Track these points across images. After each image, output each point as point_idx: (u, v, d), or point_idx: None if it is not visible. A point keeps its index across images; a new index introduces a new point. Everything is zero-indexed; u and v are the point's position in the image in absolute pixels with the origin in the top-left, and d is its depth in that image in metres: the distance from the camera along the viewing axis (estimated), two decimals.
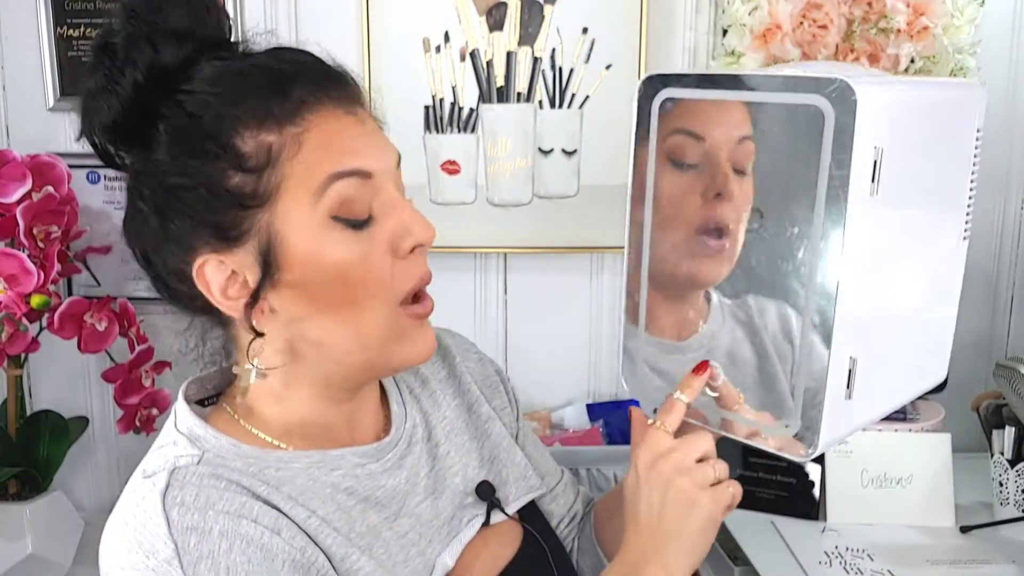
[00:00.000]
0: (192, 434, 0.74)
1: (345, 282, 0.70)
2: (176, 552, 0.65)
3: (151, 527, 0.67)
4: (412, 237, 0.72)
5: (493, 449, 0.91)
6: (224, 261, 0.71)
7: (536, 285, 1.69)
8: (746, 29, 1.52)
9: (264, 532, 0.68)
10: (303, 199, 0.69)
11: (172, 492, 0.68)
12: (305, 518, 0.71)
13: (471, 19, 1.56)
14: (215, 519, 0.67)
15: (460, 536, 0.82)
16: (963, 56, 1.54)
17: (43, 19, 1.58)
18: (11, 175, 1.41)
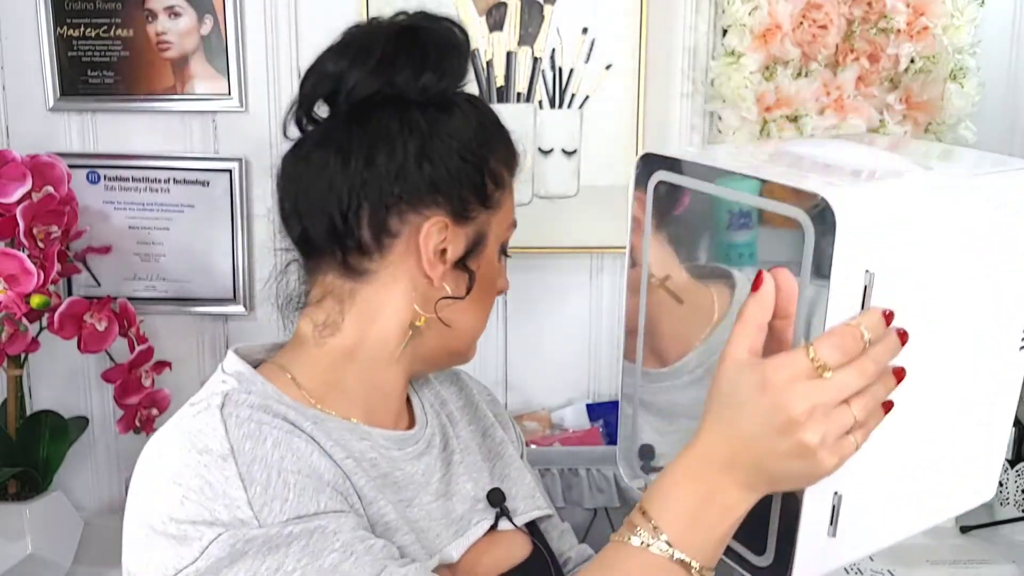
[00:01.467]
0: (241, 376, 0.81)
1: (490, 286, 0.89)
2: (232, 452, 0.69)
3: (207, 431, 0.71)
4: (505, 284, 0.94)
5: (505, 468, 0.95)
6: (447, 228, 0.82)
7: (536, 285, 1.69)
8: (746, 29, 1.52)
9: (313, 451, 0.73)
10: (503, 222, 0.88)
11: (228, 408, 0.73)
12: (343, 457, 0.76)
13: (471, 19, 1.56)
14: (269, 431, 0.72)
15: (468, 534, 0.84)
16: (963, 56, 1.54)
17: (43, 19, 1.58)
18: (11, 175, 1.41)
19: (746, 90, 1.53)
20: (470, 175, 0.83)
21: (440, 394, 0.97)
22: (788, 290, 0.61)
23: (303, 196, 0.83)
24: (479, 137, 0.85)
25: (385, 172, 0.80)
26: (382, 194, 0.80)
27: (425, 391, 0.96)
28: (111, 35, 1.59)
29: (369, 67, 0.81)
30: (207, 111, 1.62)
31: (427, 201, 0.81)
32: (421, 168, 0.81)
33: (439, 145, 0.82)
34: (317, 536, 0.67)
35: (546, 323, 1.70)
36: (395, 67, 0.81)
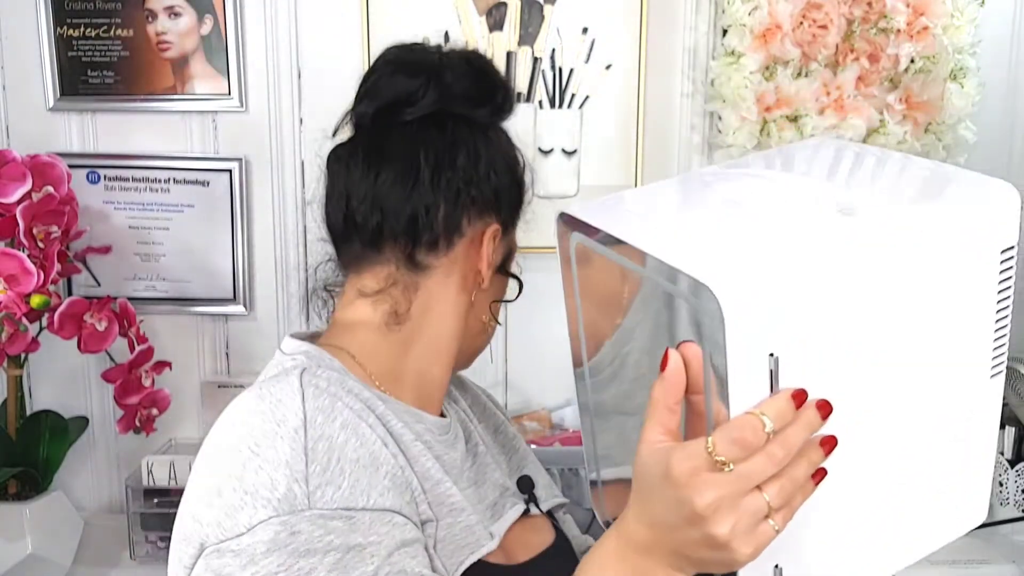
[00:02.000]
0: (309, 354, 0.83)
1: (503, 291, 0.97)
2: (304, 423, 0.71)
3: (286, 400, 0.73)
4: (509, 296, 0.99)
5: (521, 461, 1.00)
6: (497, 237, 0.89)
7: (536, 285, 1.68)
8: (746, 29, 1.52)
9: (376, 440, 0.74)
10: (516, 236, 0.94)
11: (308, 376, 0.75)
12: (411, 440, 0.79)
13: (471, 19, 1.56)
14: (340, 410, 0.73)
15: (506, 516, 0.87)
16: (963, 56, 1.54)
17: (43, 19, 1.58)
18: (11, 175, 1.41)
19: (746, 90, 1.53)
20: (517, 191, 0.92)
21: (452, 392, 1.00)
22: (697, 365, 0.59)
23: (383, 190, 0.86)
24: (518, 160, 0.93)
25: (463, 175, 0.87)
26: (459, 195, 0.86)
27: None
28: (111, 35, 1.59)
29: (441, 89, 0.88)
30: (207, 111, 1.62)
31: (491, 208, 0.89)
32: (490, 177, 0.88)
33: (500, 159, 0.90)
34: (354, 554, 0.68)
35: (546, 323, 1.70)
36: (464, 93, 0.89)
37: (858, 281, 0.60)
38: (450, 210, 0.86)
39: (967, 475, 0.72)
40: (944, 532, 0.72)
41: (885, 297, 0.61)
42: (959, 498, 0.72)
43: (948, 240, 0.63)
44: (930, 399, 0.66)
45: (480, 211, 0.88)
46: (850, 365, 0.61)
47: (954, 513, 0.73)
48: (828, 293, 0.58)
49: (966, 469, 0.72)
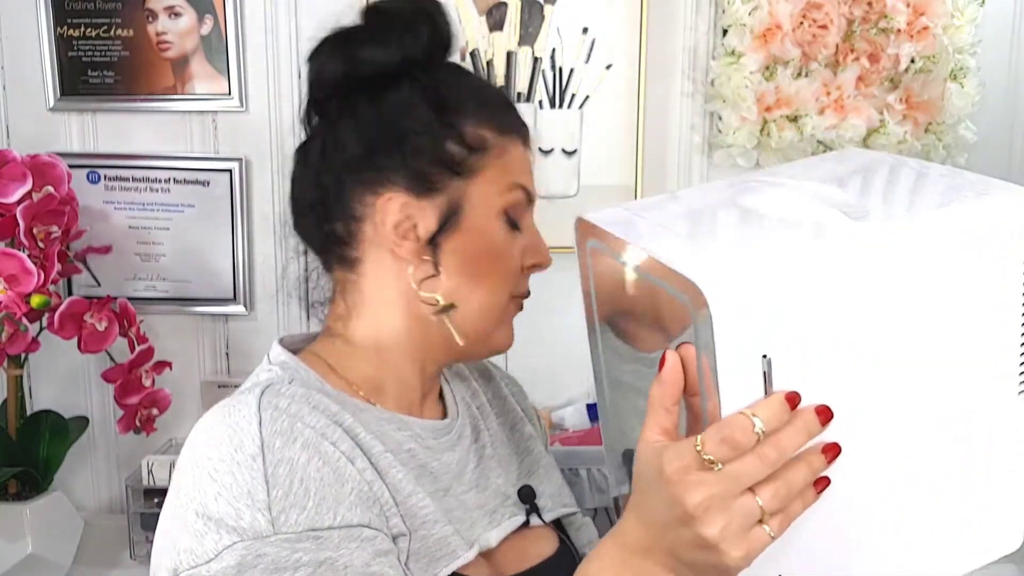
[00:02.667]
0: (285, 364, 0.83)
1: (494, 263, 0.85)
2: (261, 450, 0.70)
3: (243, 424, 0.71)
4: (538, 257, 0.90)
5: (533, 464, 0.96)
6: (408, 204, 0.82)
7: (537, 285, 1.68)
8: (746, 29, 1.52)
9: (341, 457, 0.73)
10: (492, 188, 0.84)
11: (268, 397, 0.73)
12: (381, 451, 0.77)
13: (471, 19, 1.56)
14: (301, 430, 0.72)
15: (503, 525, 0.85)
16: (963, 56, 1.54)
17: (43, 19, 1.58)
18: (11, 175, 1.41)
19: (746, 90, 1.53)
20: (426, 146, 0.82)
21: (472, 385, 0.98)
22: (694, 366, 0.59)
23: (292, 197, 0.88)
24: (442, 105, 0.83)
25: (335, 160, 0.83)
26: (338, 182, 0.83)
27: (457, 382, 0.96)
28: (111, 35, 1.59)
29: (330, 53, 0.86)
30: (207, 111, 1.62)
31: (380, 179, 0.82)
32: (365, 149, 0.82)
33: (382, 124, 0.83)
34: (326, 567, 0.68)
35: (546, 323, 1.70)
36: (350, 47, 0.85)
37: (866, 286, 0.58)
38: (336, 198, 0.83)
39: (995, 498, 0.69)
40: (972, 557, 0.70)
41: (895, 304, 0.59)
42: (988, 521, 0.70)
43: (964, 249, 0.61)
44: (946, 414, 0.64)
45: (369, 186, 0.82)
46: (856, 372, 0.59)
47: (983, 537, 0.70)
48: (831, 297, 0.57)
49: (994, 491, 0.69)
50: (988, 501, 0.69)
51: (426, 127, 0.82)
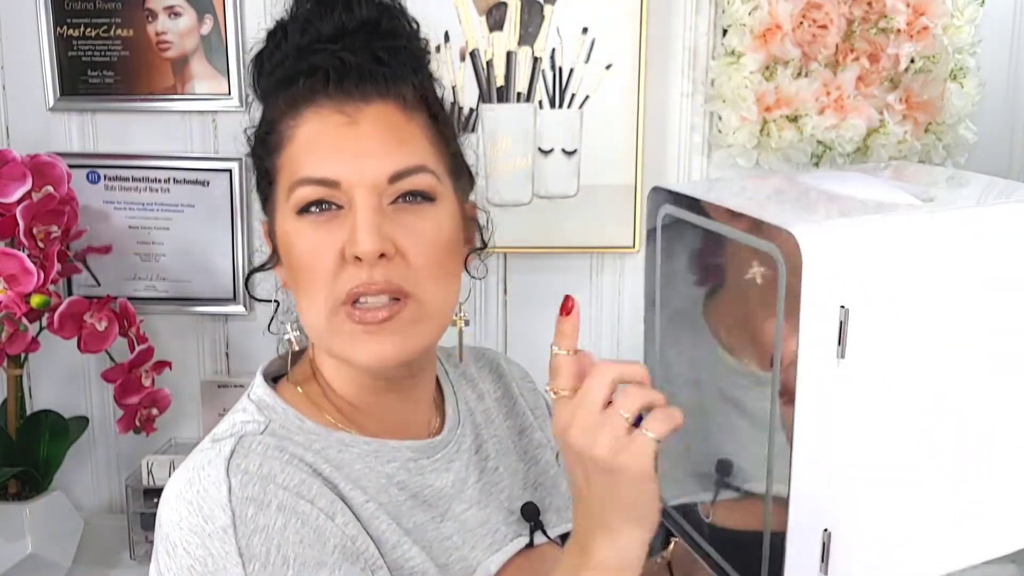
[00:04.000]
0: (262, 403, 0.77)
1: (302, 268, 0.74)
2: (233, 521, 0.67)
3: (212, 492, 0.68)
4: (353, 247, 0.72)
5: (540, 475, 0.92)
6: (264, 225, 0.80)
7: (536, 285, 1.69)
8: (746, 29, 1.52)
9: (320, 514, 0.69)
10: (281, 191, 0.76)
11: (236, 459, 0.70)
12: (363, 502, 0.73)
13: (471, 19, 1.56)
14: (275, 492, 0.68)
15: (505, 549, 0.82)
16: (963, 56, 1.54)
17: (43, 19, 1.58)
18: (11, 175, 1.41)
19: (746, 90, 1.53)
20: (256, 152, 0.79)
21: (478, 386, 0.93)
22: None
23: None
24: (267, 100, 0.78)
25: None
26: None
27: (462, 384, 0.91)
28: (111, 35, 1.59)
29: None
30: (207, 111, 1.62)
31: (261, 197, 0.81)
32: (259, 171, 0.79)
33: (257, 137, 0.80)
34: None
35: (546, 323, 1.70)
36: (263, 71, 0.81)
37: (935, 262, 0.63)
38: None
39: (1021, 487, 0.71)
40: (1009, 541, 0.72)
41: (964, 282, 0.64)
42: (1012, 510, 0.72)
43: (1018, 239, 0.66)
44: (1002, 396, 0.67)
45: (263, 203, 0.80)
46: (920, 340, 0.63)
47: (1015, 525, 0.72)
48: (902, 267, 0.61)
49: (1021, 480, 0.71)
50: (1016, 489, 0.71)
51: (258, 129, 0.78)
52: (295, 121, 0.74)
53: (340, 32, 0.75)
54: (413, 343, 0.75)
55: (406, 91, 0.75)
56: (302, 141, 0.74)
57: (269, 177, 0.76)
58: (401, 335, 0.73)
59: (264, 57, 0.78)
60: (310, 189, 0.73)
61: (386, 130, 0.74)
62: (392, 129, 0.74)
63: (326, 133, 0.73)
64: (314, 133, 0.73)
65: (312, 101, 0.73)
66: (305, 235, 0.73)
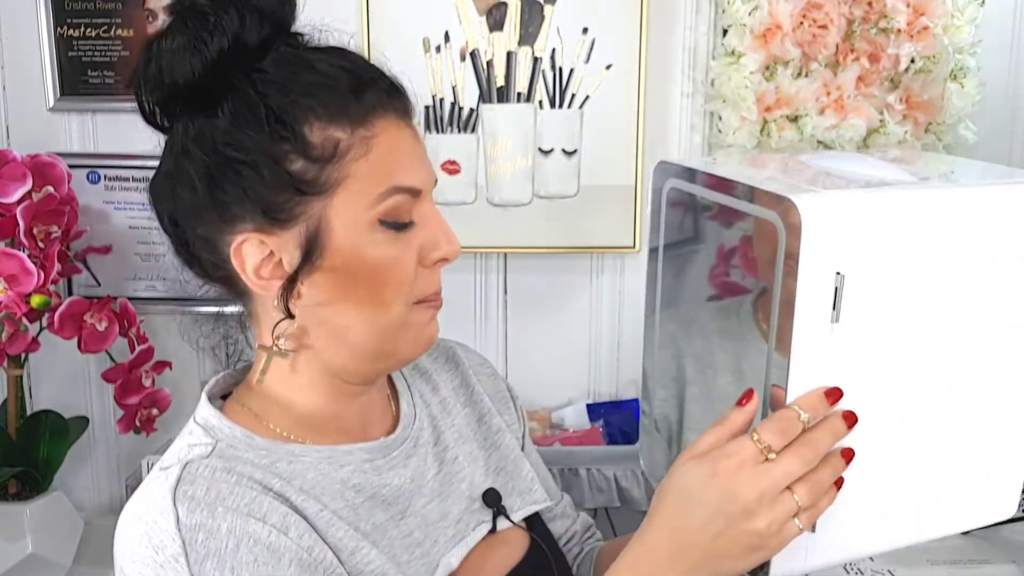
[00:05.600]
0: (207, 424, 0.77)
1: (377, 278, 0.74)
2: (183, 548, 0.66)
3: (160, 522, 0.68)
4: (440, 251, 0.77)
5: (501, 460, 0.92)
6: (265, 241, 0.73)
7: (536, 285, 1.69)
8: (746, 29, 1.52)
9: (272, 531, 0.69)
10: (361, 200, 0.73)
11: (183, 487, 0.69)
12: (317, 511, 0.72)
13: (471, 19, 1.56)
14: (223, 516, 0.68)
15: (467, 539, 0.83)
16: (963, 56, 1.54)
17: (43, 19, 1.58)
18: (11, 175, 1.41)
19: (746, 90, 1.53)
20: (264, 171, 0.71)
21: (432, 379, 0.93)
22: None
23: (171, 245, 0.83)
24: (273, 114, 0.71)
25: (181, 204, 0.75)
26: (192, 231, 0.76)
27: (416, 379, 0.91)
28: (111, 35, 1.59)
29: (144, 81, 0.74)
30: None
31: (227, 220, 0.73)
32: (205, 187, 0.72)
33: (211, 153, 0.72)
34: None
35: (546, 323, 1.70)
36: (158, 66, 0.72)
37: (929, 235, 0.65)
38: (198, 253, 0.77)
39: (1005, 463, 0.75)
40: (974, 516, 0.75)
41: (953, 257, 0.66)
42: (994, 485, 0.75)
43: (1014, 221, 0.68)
44: (982, 374, 0.70)
45: (221, 233, 0.74)
46: (910, 312, 0.65)
47: (985, 500, 0.75)
48: (899, 235, 0.64)
49: (1005, 457, 0.74)
50: (996, 466, 0.74)
51: (258, 147, 0.71)
52: (368, 132, 0.73)
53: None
54: None
55: None
56: (384, 151, 0.73)
57: (315, 187, 0.71)
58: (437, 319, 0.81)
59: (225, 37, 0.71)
60: (402, 197, 0.74)
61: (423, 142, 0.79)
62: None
63: (404, 144, 0.75)
64: (394, 144, 0.74)
65: (381, 114, 0.74)
66: (383, 245, 0.73)
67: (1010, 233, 0.68)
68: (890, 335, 0.65)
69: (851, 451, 0.64)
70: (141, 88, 0.74)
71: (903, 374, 0.66)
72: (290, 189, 0.71)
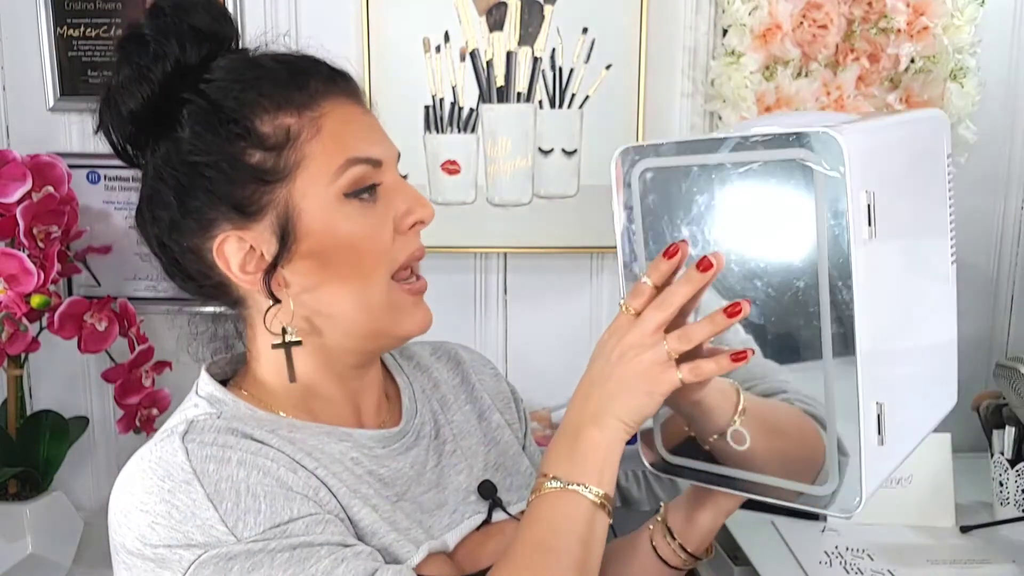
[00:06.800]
0: (212, 397, 0.79)
1: (354, 251, 0.77)
2: (196, 475, 0.68)
3: (168, 458, 0.70)
4: (414, 215, 0.79)
5: (500, 456, 0.93)
6: (243, 237, 0.76)
7: (536, 285, 1.69)
8: (746, 29, 1.52)
9: (280, 468, 0.72)
10: (321, 177, 0.76)
11: (191, 434, 0.71)
12: (314, 467, 0.75)
13: (471, 19, 1.56)
14: (233, 453, 0.70)
15: (462, 526, 0.84)
16: (963, 56, 1.54)
17: (43, 19, 1.58)
18: (11, 175, 1.41)
19: (746, 90, 1.53)
20: (225, 169, 0.75)
21: (434, 376, 0.95)
22: None
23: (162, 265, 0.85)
24: (223, 116, 0.75)
25: (161, 222, 0.78)
26: (177, 244, 0.78)
27: (417, 375, 0.93)
28: (111, 35, 1.59)
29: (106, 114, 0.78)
30: None
31: (204, 225, 0.77)
32: (177, 198, 0.76)
33: (176, 165, 0.76)
34: (302, 549, 0.68)
35: (546, 323, 1.70)
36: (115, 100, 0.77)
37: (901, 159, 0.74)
38: (185, 257, 0.79)
39: (944, 357, 0.84)
40: (934, 414, 0.83)
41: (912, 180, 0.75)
42: (939, 380, 0.84)
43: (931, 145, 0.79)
44: (923, 284, 0.79)
45: (200, 238, 0.77)
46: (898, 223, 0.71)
47: (938, 395, 0.84)
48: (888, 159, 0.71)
49: (943, 351, 0.84)
50: (939, 366, 0.83)
51: (217, 149, 0.74)
52: (316, 112, 0.76)
53: None
54: None
55: None
56: (335, 128, 0.77)
57: (274, 174, 0.75)
58: (426, 302, 0.83)
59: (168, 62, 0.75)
60: (362, 168, 0.77)
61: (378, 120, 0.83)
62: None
63: (355, 120, 0.78)
64: (343, 121, 0.77)
65: (327, 95, 0.77)
66: (355, 217, 0.76)
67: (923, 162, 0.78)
68: (891, 252, 0.70)
69: (736, 306, 0.69)
70: (108, 129, 0.78)
71: (901, 285, 0.73)
72: (253, 181, 0.75)
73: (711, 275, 0.70)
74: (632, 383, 0.71)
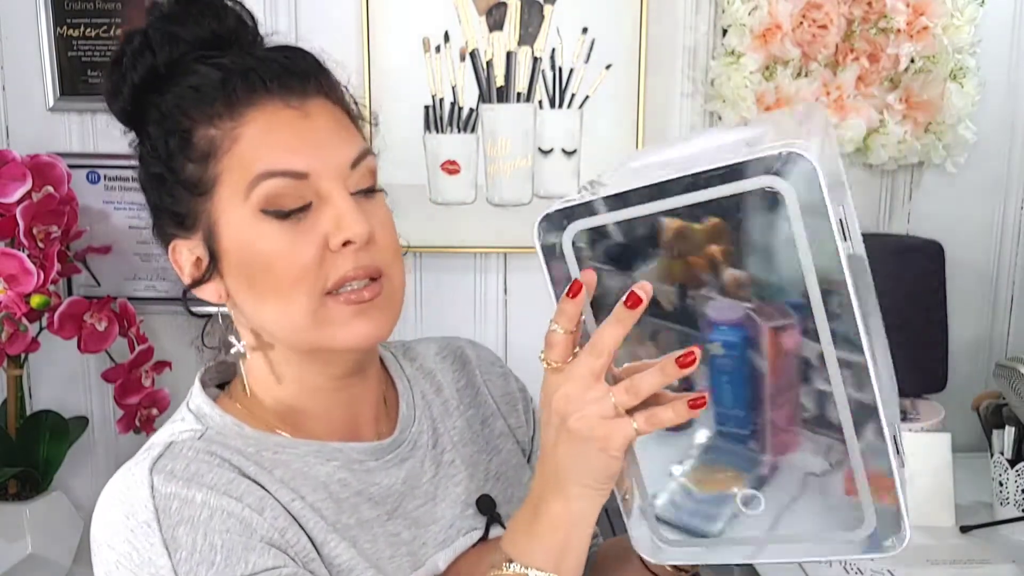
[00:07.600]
0: (200, 412, 0.78)
1: (272, 270, 0.72)
2: (156, 515, 0.68)
3: (134, 490, 0.69)
4: (341, 233, 0.72)
5: (501, 466, 0.91)
6: (189, 248, 0.77)
7: (536, 285, 1.68)
8: (746, 29, 1.52)
9: (246, 508, 0.70)
10: (235, 193, 0.72)
11: (162, 461, 0.71)
12: (290, 500, 0.73)
13: (471, 19, 1.56)
14: (199, 489, 0.69)
15: (455, 544, 0.82)
16: (963, 56, 1.54)
17: (43, 19, 1.58)
18: (11, 175, 1.41)
19: (746, 90, 1.53)
20: (165, 177, 0.75)
21: (436, 378, 0.92)
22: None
23: None
24: (168, 123, 0.74)
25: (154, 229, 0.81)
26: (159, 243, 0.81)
27: (419, 379, 0.91)
28: (111, 35, 1.59)
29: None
30: None
31: (161, 230, 0.79)
32: (148, 203, 0.78)
33: (140, 170, 0.78)
34: None
35: (546, 323, 1.70)
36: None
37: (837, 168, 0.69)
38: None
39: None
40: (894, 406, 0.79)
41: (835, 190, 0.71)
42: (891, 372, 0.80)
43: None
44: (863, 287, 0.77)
45: (162, 240, 0.79)
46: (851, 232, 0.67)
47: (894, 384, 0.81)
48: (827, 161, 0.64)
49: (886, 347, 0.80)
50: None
51: (163, 157, 0.74)
52: (236, 123, 0.72)
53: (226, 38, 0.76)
54: (391, 319, 0.77)
55: (332, 88, 0.78)
56: (254, 139, 0.72)
57: (200, 187, 0.73)
58: (383, 312, 0.75)
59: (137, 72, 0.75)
60: (277, 182, 0.71)
61: (334, 120, 0.76)
62: (337, 119, 0.76)
63: (281, 128, 0.73)
64: (266, 129, 0.72)
65: (252, 102, 0.73)
66: (271, 236, 0.72)
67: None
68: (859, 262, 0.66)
69: (690, 355, 0.61)
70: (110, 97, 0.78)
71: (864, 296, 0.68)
72: (185, 193, 0.74)
73: (640, 311, 0.62)
74: (583, 444, 0.64)
